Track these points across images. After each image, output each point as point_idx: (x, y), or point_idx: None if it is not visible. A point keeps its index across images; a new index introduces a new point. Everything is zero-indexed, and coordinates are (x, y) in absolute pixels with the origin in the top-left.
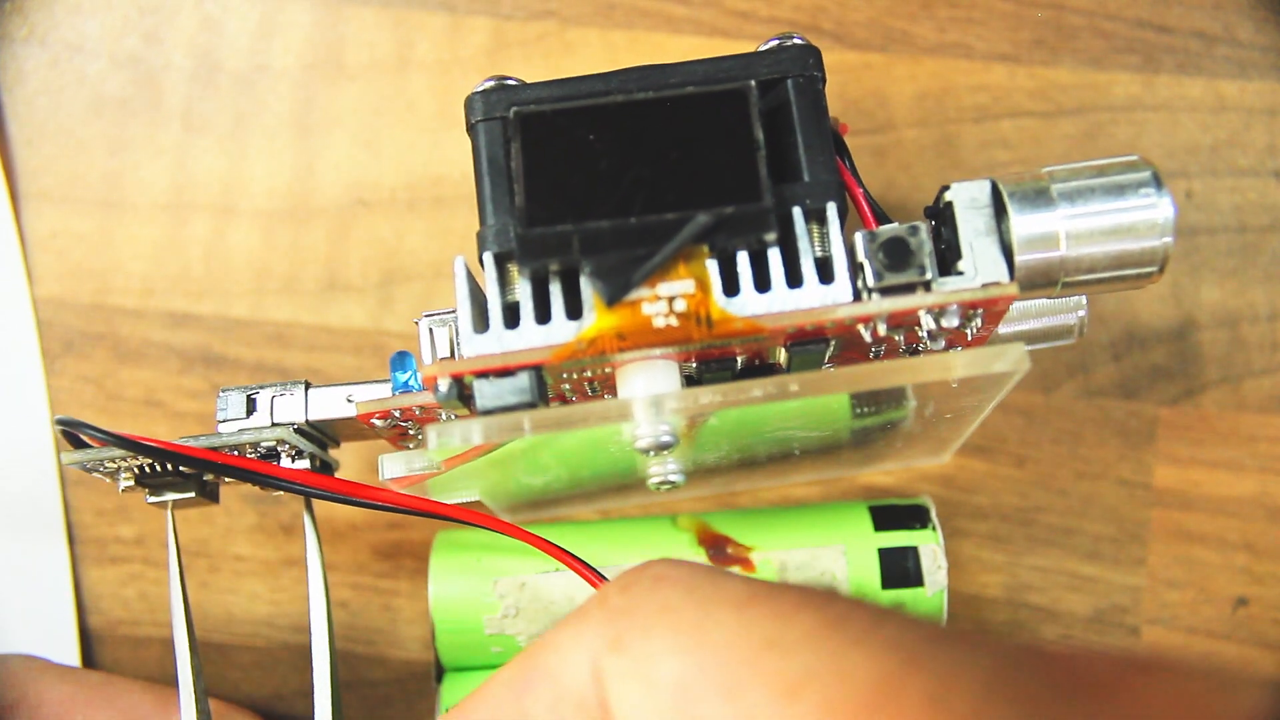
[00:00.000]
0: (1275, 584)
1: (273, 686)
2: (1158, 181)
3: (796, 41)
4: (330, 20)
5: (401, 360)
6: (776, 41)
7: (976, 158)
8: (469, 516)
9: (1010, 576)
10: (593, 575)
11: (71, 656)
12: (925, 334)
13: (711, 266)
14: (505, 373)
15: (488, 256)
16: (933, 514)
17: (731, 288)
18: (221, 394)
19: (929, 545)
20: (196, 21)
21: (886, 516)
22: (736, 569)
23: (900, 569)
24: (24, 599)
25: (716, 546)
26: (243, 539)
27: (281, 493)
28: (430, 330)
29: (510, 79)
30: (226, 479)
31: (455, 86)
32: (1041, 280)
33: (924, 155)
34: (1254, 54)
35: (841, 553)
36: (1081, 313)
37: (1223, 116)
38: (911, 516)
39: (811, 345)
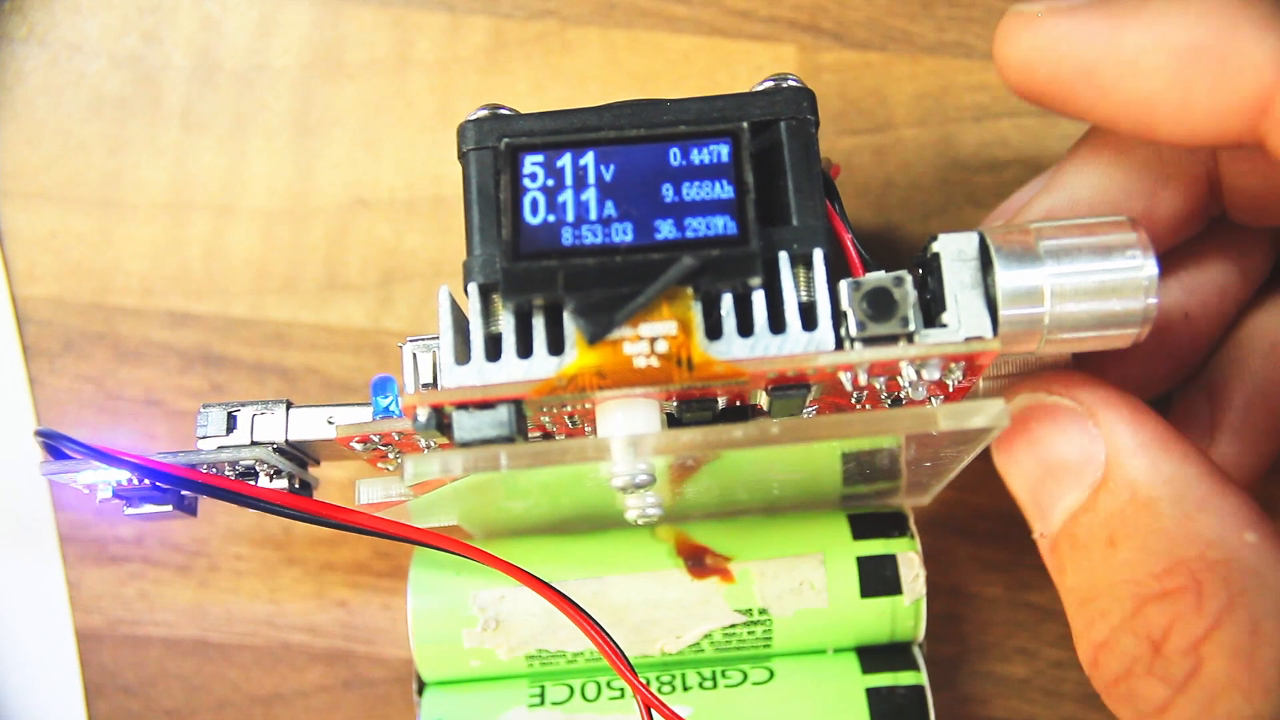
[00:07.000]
0: None
1: (272, 686)
2: (1144, 243)
3: (792, 84)
4: (329, 20)
5: (383, 385)
6: (771, 83)
7: (976, 157)
8: (443, 543)
9: (1010, 576)
10: (563, 601)
11: (70, 657)
12: (907, 384)
13: (695, 308)
14: (485, 405)
15: (473, 287)
16: (910, 522)
17: (714, 330)
18: (202, 410)
19: (907, 553)
20: (196, 21)
21: (865, 524)
22: (715, 580)
23: (879, 577)
24: (20, 604)
25: (695, 557)
26: (243, 539)
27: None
28: (414, 355)
29: (504, 108)
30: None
31: (455, 86)
32: (1024, 336)
33: (923, 154)
34: None
35: (820, 561)
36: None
37: None
38: (890, 524)
39: (792, 390)
